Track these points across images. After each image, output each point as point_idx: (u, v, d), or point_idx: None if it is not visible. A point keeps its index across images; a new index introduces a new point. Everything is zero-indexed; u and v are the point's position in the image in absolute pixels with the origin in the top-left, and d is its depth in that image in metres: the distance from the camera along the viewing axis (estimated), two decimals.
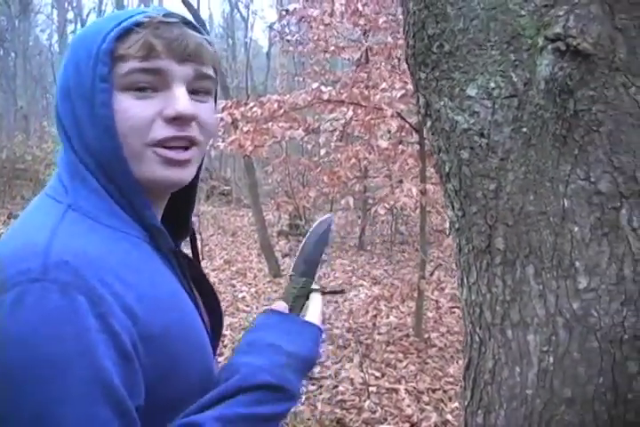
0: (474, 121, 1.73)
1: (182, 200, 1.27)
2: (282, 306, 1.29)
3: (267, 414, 1.06)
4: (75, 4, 38.57)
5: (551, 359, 1.69)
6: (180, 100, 1.06)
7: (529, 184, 1.68)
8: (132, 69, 1.03)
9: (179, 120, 1.06)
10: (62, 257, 0.91)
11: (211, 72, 1.12)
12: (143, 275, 1.02)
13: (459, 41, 1.74)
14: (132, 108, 1.04)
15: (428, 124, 1.87)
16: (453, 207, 1.86)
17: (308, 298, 1.35)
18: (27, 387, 0.84)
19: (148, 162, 1.07)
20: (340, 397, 5.25)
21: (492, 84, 1.69)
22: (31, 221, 1.03)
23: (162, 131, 1.06)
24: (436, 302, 8.46)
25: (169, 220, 1.24)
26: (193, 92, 1.09)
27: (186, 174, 1.11)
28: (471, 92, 1.73)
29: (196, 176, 1.22)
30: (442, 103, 1.79)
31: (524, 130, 1.66)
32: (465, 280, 1.89)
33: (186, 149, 1.09)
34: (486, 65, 1.70)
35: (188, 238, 1.37)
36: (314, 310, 1.31)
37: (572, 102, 1.60)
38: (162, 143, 1.07)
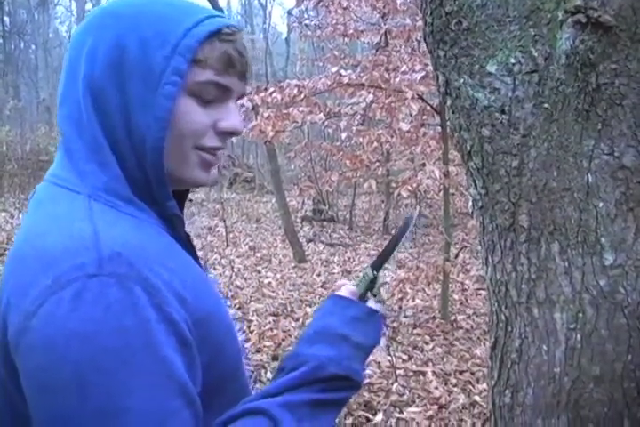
0: (494, 98, 1.71)
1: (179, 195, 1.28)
2: (349, 291, 1.30)
3: (331, 400, 1.08)
4: None
5: (578, 337, 1.68)
6: (236, 116, 1.09)
7: (552, 160, 1.66)
8: (209, 81, 1.04)
9: (230, 134, 1.10)
10: (114, 249, 0.90)
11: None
12: (178, 260, 1.03)
13: (477, 17, 1.72)
14: (196, 115, 1.05)
15: (448, 102, 1.85)
16: (476, 186, 1.84)
17: (372, 289, 1.36)
18: (93, 381, 0.84)
19: (191, 164, 1.08)
20: (367, 380, 5.24)
21: (512, 60, 1.67)
22: (59, 213, 0.99)
23: (213, 140, 1.08)
24: (462, 283, 8.45)
25: None
26: None
27: (215, 176, 1.14)
28: (491, 68, 1.71)
29: None
30: (461, 81, 1.77)
31: (546, 105, 1.64)
32: (489, 259, 1.87)
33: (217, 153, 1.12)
34: (505, 41, 1.68)
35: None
36: (378, 299, 1.31)
37: (594, 76, 1.58)
38: (209, 150, 1.09)
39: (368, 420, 4.57)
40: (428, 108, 6.86)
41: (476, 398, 4.97)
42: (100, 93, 1.03)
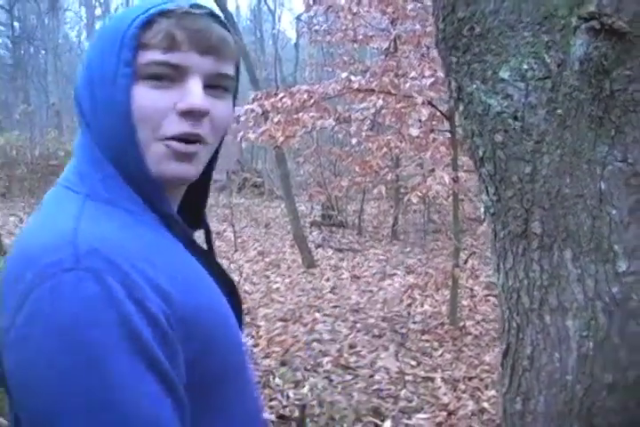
0: (507, 104, 1.70)
1: (197, 193, 1.26)
2: None
3: None
4: (102, 1, 38.78)
5: (591, 344, 1.67)
6: (195, 93, 1.04)
7: (565, 167, 1.65)
8: (153, 61, 1.02)
9: (191, 114, 1.05)
10: (92, 245, 0.91)
11: (230, 70, 1.11)
12: (170, 256, 1.02)
13: (490, 23, 1.71)
14: (146, 98, 1.03)
15: (461, 108, 1.85)
16: (488, 192, 1.84)
17: None
18: (75, 375, 0.84)
19: (158, 156, 1.05)
20: (376, 386, 5.24)
21: (525, 66, 1.67)
22: (52, 212, 1.02)
23: (175, 126, 1.04)
24: (471, 290, 8.43)
25: (184, 211, 1.23)
26: (210, 86, 1.08)
27: (191, 170, 1.09)
28: (504, 74, 1.70)
29: (209, 174, 1.22)
30: (474, 86, 1.77)
31: (559, 112, 1.64)
32: (501, 265, 1.87)
33: (194, 142, 1.07)
34: (519, 47, 1.68)
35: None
36: None
37: (607, 82, 1.57)
38: (171, 139, 1.05)
39: (376, 426, 4.56)
40: (438, 113, 6.84)
41: (485, 404, 4.96)
42: (80, 105, 1.10)
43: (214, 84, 1.08)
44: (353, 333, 6.74)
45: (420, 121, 7.02)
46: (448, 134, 6.98)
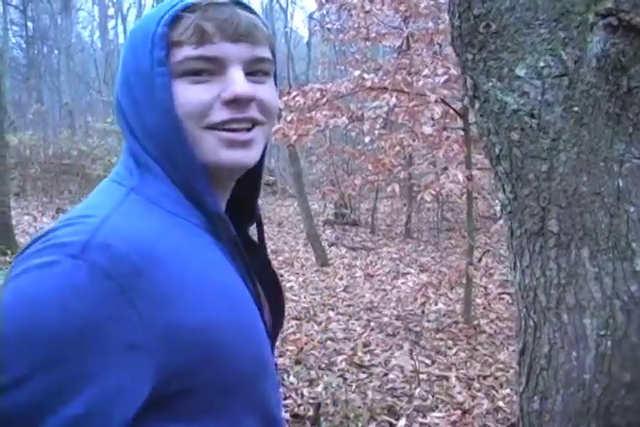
0: (524, 101, 1.70)
1: (247, 186, 1.25)
2: None
3: None
4: (115, 0, 38.86)
5: (609, 343, 1.66)
6: (237, 82, 1.04)
7: (582, 164, 1.64)
8: (188, 57, 1.02)
9: (236, 102, 1.04)
10: (107, 240, 0.91)
11: (267, 53, 1.10)
12: (192, 265, 1.00)
13: (506, 20, 1.71)
14: (189, 93, 1.03)
15: (477, 105, 1.84)
16: (504, 190, 1.83)
17: None
18: (18, 346, 0.84)
19: (209, 145, 1.05)
20: (390, 384, 5.23)
21: (542, 64, 1.66)
22: (93, 201, 1.03)
23: (221, 113, 1.04)
24: (485, 288, 8.41)
25: (233, 207, 1.22)
26: (251, 73, 1.07)
27: (250, 155, 1.09)
28: (520, 72, 1.69)
29: (262, 160, 1.20)
30: (490, 84, 1.76)
31: (576, 109, 1.63)
32: (518, 264, 1.86)
33: (248, 130, 1.07)
34: (535, 44, 1.67)
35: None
36: None
37: (625, 79, 1.56)
38: (221, 126, 1.05)
39: (391, 425, 4.55)
40: (451, 111, 6.83)
41: (500, 403, 4.94)
42: (122, 107, 1.10)
43: (254, 70, 1.08)
44: (367, 331, 6.73)
45: (432, 119, 7.00)
46: (461, 132, 6.96)
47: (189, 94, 1.03)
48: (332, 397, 4.83)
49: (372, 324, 7.02)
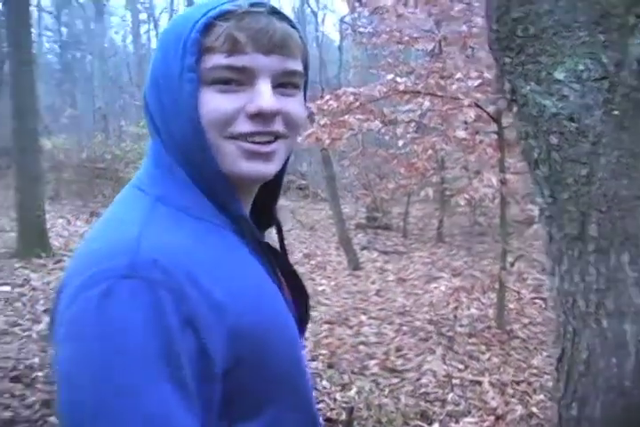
0: (563, 105, 1.68)
1: (267, 192, 1.26)
2: None
3: None
4: (147, 5, 39.13)
5: None
6: (264, 95, 1.03)
7: (622, 168, 1.63)
8: (218, 65, 1.02)
9: (261, 116, 1.04)
10: (151, 255, 0.92)
11: (298, 66, 1.09)
12: (232, 268, 1.02)
13: (544, 23, 1.69)
14: (214, 102, 1.03)
15: (515, 109, 1.83)
16: (543, 194, 1.82)
17: None
18: (105, 378, 0.86)
19: (230, 154, 1.05)
20: (423, 389, 5.21)
21: (581, 67, 1.64)
22: (120, 215, 1.03)
23: (244, 125, 1.04)
24: (518, 293, 8.34)
25: (253, 210, 1.23)
26: (280, 85, 1.07)
27: (270, 168, 1.09)
28: (559, 75, 1.68)
29: (283, 169, 1.20)
30: (528, 88, 1.75)
31: (616, 113, 1.61)
32: (556, 269, 1.84)
33: (270, 142, 1.07)
34: (574, 47, 1.65)
35: (273, 231, 1.36)
36: None
37: None
38: (244, 137, 1.05)
39: None
40: (484, 115, 6.79)
41: (534, 409, 4.91)
42: (149, 110, 1.10)
43: (283, 83, 1.08)
44: (399, 335, 6.71)
45: (465, 123, 6.97)
46: (494, 136, 6.92)
47: (215, 103, 1.03)
48: (364, 401, 4.83)
49: (405, 328, 6.99)
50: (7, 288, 7.62)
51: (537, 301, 8.27)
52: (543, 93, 1.71)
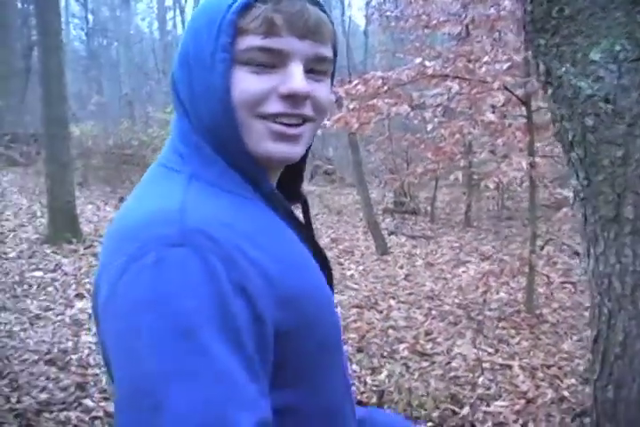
0: (598, 86, 1.68)
1: (291, 174, 1.27)
2: None
3: None
4: None
5: None
6: (296, 78, 1.05)
7: None
8: (253, 47, 1.03)
9: (292, 98, 1.06)
10: (198, 224, 0.93)
11: (329, 52, 1.11)
12: (273, 238, 1.04)
13: (580, 4, 1.69)
14: (246, 82, 1.04)
15: (550, 91, 1.82)
16: (578, 176, 1.81)
17: None
18: (169, 344, 0.86)
19: (258, 134, 1.07)
20: (453, 373, 5.21)
21: (618, 48, 1.63)
22: (155, 190, 1.05)
23: (275, 105, 1.06)
24: (547, 277, 8.31)
25: (280, 187, 1.24)
26: (310, 70, 1.08)
27: (296, 150, 1.11)
28: (595, 56, 1.67)
29: (307, 152, 1.22)
30: (563, 69, 1.74)
31: None
32: (591, 251, 1.84)
33: (298, 125, 1.09)
34: (610, 28, 1.64)
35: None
36: None
37: None
38: (273, 117, 1.06)
39: (454, 413, 4.54)
40: (513, 98, 6.76)
41: (565, 393, 4.90)
42: (177, 88, 1.12)
43: (314, 68, 1.09)
44: (428, 320, 6.71)
45: (492, 106, 6.94)
46: (523, 119, 6.89)
47: (247, 83, 1.04)
48: (395, 384, 4.84)
49: (434, 312, 7.00)
50: (39, 273, 7.71)
51: (566, 285, 8.25)
52: (578, 75, 1.70)
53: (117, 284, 0.91)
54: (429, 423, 4.36)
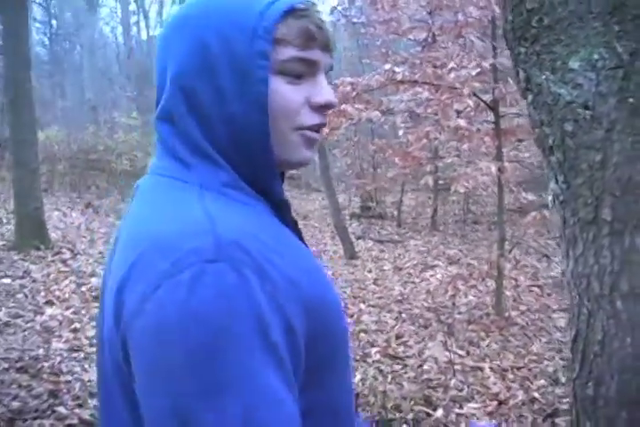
0: (577, 93, 1.73)
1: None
2: None
3: None
4: None
5: None
6: (327, 89, 1.10)
7: (636, 154, 1.68)
8: (292, 58, 1.05)
9: (325, 108, 1.10)
10: (231, 236, 0.93)
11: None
12: (289, 246, 1.05)
13: (559, 14, 1.74)
14: (286, 93, 1.06)
15: (530, 98, 1.87)
16: (557, 180, 1.86)
17: None
18: (205, 363, 0.86)
19: (294, 144, 1.10)
20: (425, 375, 5.27)
21: (596, 56, 1.69)
22: (169, 201, 1.03)
23: (311, 117, 1.09)
24: (515, 280, 8.43)
25: None
26: None
27: (314, 154, 1.15)
28: (574, 64, 1.73)
29: None
30: (543, 77, 1.79)
31: (631, 100, 1.66)
32: (571, 252, 1.89)
33: (318, 131, 1.13)
34: (589, 37, 1.70)
35: None
36: None
37: None
38: (309, 128, 1.10)
39: (428, 415, 4.59)
40: (481, 104, 6.84)
41: (535, 394, 4.97)
42: (192, 92, 1.08)
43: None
44: (399, 323, 6.77)
45: (458, 112, 7.01)
46: (490, 124, 6.98)
47: (288, 94, 1.06)
48: (369, 387, 4.88)
49: (404, 316, 7.06)
50: (8, 280, 7.63)
51: (533, 288, 8.35)
52: (558, 82, 1.76)
53: (149, 299, 0.90)
54: (404, 426, 4.41)
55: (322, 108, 1.10)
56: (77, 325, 6.23)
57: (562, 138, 1.79)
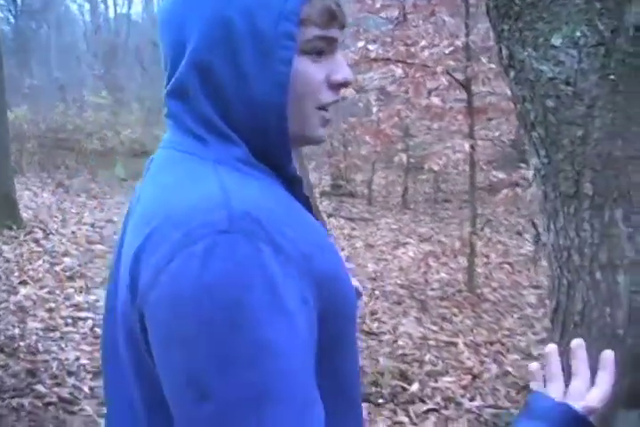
0: (559, 70, 1.76)
1: None
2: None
3: None
4: None
5: None
6: (344, 66, 1.11)
7: (616, 130, 1.72)
8: (315, 36, 1.06)
9: (342, 86, 1.12)
10: (243, 208, 0.94)
11: None
12: (301, 219, 1.07)
13: None
14: (310, 71, 1.07)
15: (512, 74, 1.91)
16: (539, 155, 1.90)
17: None
18: (221, 334, 0.88)
19: (313, 123, 1.12)
20: (400, 351, 5.35)
21: (578, 33, 1.72)
22: (185, 175, 1.04)
23: (329, 95, 1.11)
24: (487, 257, 8.52)
25: None
26: None
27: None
28: (556, 41, 1.76)
29: None
30: (526, 54, 1.83)
31: (612, 77, 1.70)
32: (551, 226, 1.94)
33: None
34: (571, 14, 1.73)
35: None
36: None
37: None
38: (326, 106, 1.12)
39: (404, 389, 4.66)
40: (452, 82, 6.87)
41: (508, 368, 5.07)
42: (208, 68, 1.07)
43: None
44: (372, 300, 6.83)
45: (429, 91, 7.04)
46: (462, 103, 7.02)
47: (312, 73, 1.08)
48: None
49: (377, 293, 7.12)
50: None
51: (504, 265, 8.45)
52: (540, 59, 1.79)
53: (163, 271, 0.91)
54: (380, 400, 4.48)
55: (339, 86, 1.11)
56: (52, 304, 6.24)
57: (544, 114, 1.83)
